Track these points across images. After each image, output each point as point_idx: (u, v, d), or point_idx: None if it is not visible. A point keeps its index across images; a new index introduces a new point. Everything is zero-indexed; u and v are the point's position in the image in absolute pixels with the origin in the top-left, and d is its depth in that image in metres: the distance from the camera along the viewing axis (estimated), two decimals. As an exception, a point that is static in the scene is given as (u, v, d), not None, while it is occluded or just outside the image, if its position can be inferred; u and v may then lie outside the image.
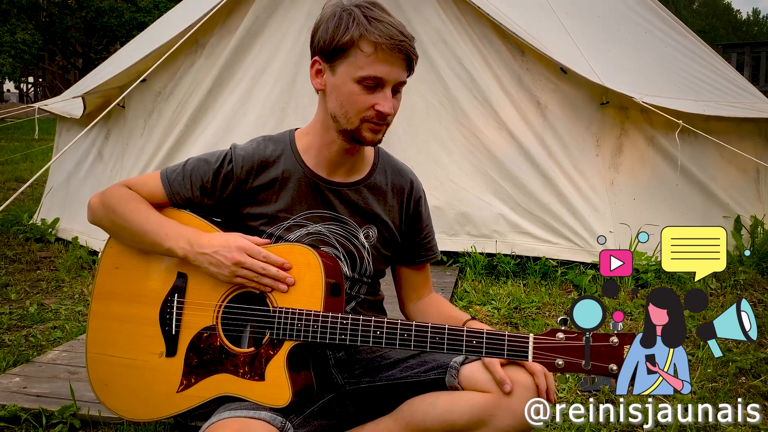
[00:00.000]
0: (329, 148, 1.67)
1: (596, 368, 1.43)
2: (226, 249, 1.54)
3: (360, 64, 1.53)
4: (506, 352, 1.47)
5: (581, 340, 1.44)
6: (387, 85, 1.55)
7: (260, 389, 1.50)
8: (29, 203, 6.47)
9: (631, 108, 4.33)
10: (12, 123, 9.31)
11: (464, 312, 1.79)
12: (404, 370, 1.69)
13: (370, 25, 1.51)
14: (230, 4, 4.43)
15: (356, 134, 1.60)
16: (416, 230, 1.82)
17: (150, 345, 1.61)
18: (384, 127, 1.61)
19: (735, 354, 2.93)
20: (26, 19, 29.21)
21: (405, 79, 1.59)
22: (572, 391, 2.56)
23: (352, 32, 1.52)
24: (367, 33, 1.51)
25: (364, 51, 1.52)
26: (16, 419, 2.27)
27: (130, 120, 4.80)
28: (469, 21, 4.40)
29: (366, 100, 1.55)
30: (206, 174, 1.65)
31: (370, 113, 1.56)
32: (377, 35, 1.51)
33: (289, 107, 4.43)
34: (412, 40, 1.56)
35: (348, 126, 1.59)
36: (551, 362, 1.46)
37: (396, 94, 1.59)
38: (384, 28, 1.51)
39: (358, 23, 1.52)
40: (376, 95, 1.55)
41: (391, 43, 1.51)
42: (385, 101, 1.55)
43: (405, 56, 1.54)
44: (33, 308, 3.58)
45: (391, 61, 1.53)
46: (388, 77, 1.54)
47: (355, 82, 1.55)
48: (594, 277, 4.05)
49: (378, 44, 1.51)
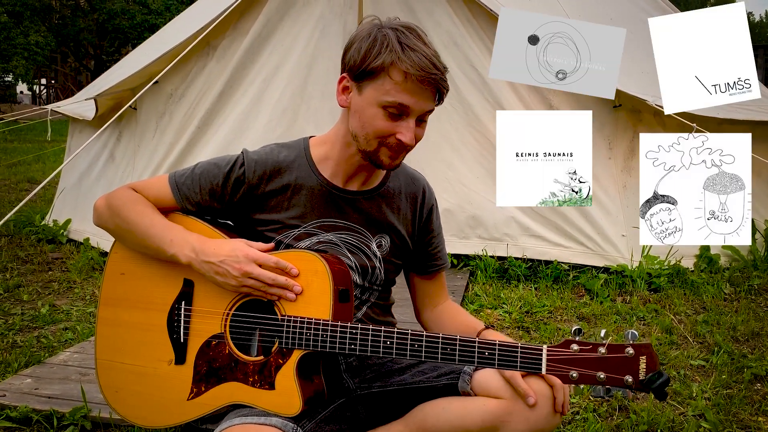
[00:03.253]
0: (348, 161, 1.65)
1: (611, 380, 1.41)
2: (234, 259, 1.51)
3: (387, 89, 1.50)
4: (519, 364, 1.45)
5: (596, 351, 1.42)
6: (412, 114, 1.53)
7: (270, 398, 1.49)
8: (41, 204, 6.51)
9: (644, 111, 4.30)
10: (25, 124, 9.38)
11: (480, 321, 1.77)
12: (416, 375, 1.68)
13: (403, 54, 1.47)
14: (242, 7, 4.44)
15: (374, 157, 1.58)
16: (428, 238, 1.80)
17: (159, 352, 1.60)
18: (403, 153, 1.59)
19: (750, 360, 2.89)
20: (39, 21, 29.45)
21: (432, 108, 1.56)
22: (584, 396, 2.54)
23: (384, 57, 1.49)
24: (398, 61, 1.48)
25: (393, 78, 1.49)
26: (28, 420, 2.28)
27: (141, 122, 4.81)
28: (481, 23, 4.38)
29: (388, 126, 1.53)
30: (216, 177, 1.64)
31: (391, 140, 1.54)
32: (409, 65, 1.47)
33: (300, 110, 4.43)
34: (444, 71, 1.52)
35: (367, 148, 1.57)
36: (565, 374, 1.44)
37: (421, 123, 1.56)
38: (417, 59, 1.47)
39: (391, 49, 1.49)
40: (399, 123, 1.53)
41: (421, 75, 1.48)
42: (408, 131, 1.52)
43: (435, 89, 1.52)
44: (45, 309, 3.59)
45: (420, 92, 1.50)
46: (414, 107, 1.52)
47: (379, 107, 1.52)
48: (606, 281, 4.02)
49: (408, 74, 1.48)
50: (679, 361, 2.93)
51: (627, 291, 3.97)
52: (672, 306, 3.70)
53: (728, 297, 3.90)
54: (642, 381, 1.40)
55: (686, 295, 3.90)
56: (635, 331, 1.44)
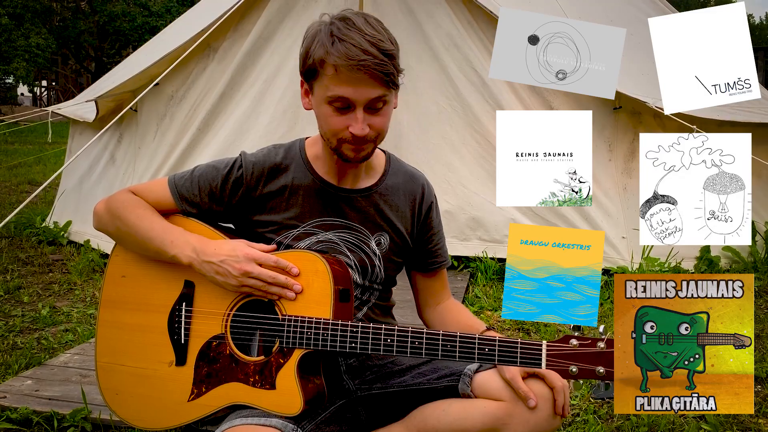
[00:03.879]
0: (332, 159, 1.66)
1: (611, 374, 1.41)
2: (234, 259, 1.51)
3: (326, 84, 1.50)
4: (519, 359, 1.45)
5: (595, 346, 1.42)
6: (357, 105, 1.50)
7: (271, 398, 1.49)
8: (42, 206, 6.51)
9: (644, 113, 4.30)
10: (26, 126, 9.40)
11: (482, 321, 1.77)
12: (416, 377, 1.67)
13: (332, 47, 1.46)
14: (243, 9, 4.45)
15: (339, 153, 1.58)
16: (428, 236, 1.80)
17: (159, 354, 1.60)
18: (369, 145, 1.57)
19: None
20: (40, 23, 29.47)
21: (380, 94, 1.50)
22: (585, 398, 2.53)
23: (316, 53, 1.49)
24: (327, 56, 1.47)
25: (327, 73, 1.49)
26: (28, 422, 2.28)
27: (142, 124, 4.82)
28: (481, 25, 4.39)
29: (339, 122, 1.53)
30: (215, 180, 1.64)
31: (345, 134, 1.53)
32: (336, 57, 1.45)
33: (300, 111, 4.42)
34: (381, 57, 1.46)
35: (331, 145, 1.58)
36: (565, 369, 1.44)
37: (376, 111, 1.53)
38: (344, 49, 1.45)
39: (321, 44, 1.48)
40: (348, 117, 1.52)
41: (348, 64, 1.44)
42: (356, 122, 1.51)
43: (372, 76, 1.47)
44: (45, 311, 3.59)
45: (355, 81, 1.47)
46: (354, 96, 1.49)
47: (326, 104, 1.52)
48: (606, 282, 4.02)
49: (337, 66, 1.46)
50: (680, 362, 2.92)
51: (627, 292, 3.96)
52: (672, 307, 3.70)
53: (729, 298, 3.88)
54: None
55: (687, 296, 3.89)
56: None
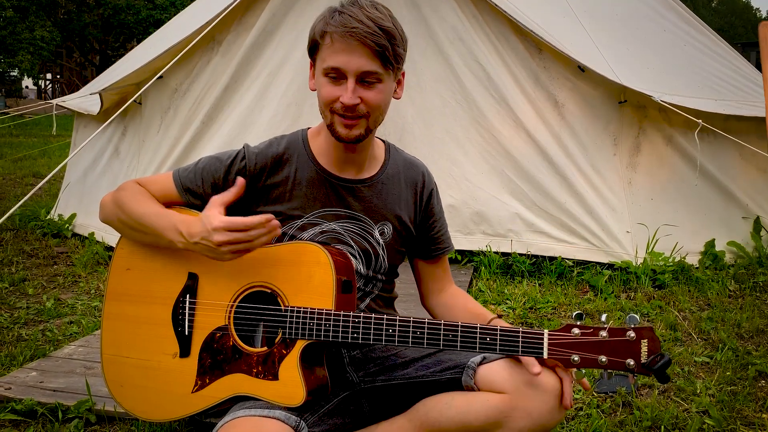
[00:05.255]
0: (333, 147, 1.67)
1: (613, 363, 1.41)
2: (207, 233, 1.48)
3: (323, 56, 1.55)
4: (521, 348, 1.46)
5: (597, 335, 1.42)
6: (349, 75, 1.53)
7: (274, 389, 1.50)
8: (47, 199, 6.52)
9: (650, 107, 4.29)
10: (30, 119, 9.41)
11: (489, 311, 1.77)
12: (420, 369, 1.68)
13: (331, 19, 1.53)
14: (247, 2, 4.44)
15: (332, 130, 1.60)
16: (430, 223, 1.81)
17: (163, 346, 1.61)
18: (361, 121, 1.57)
19: (755, 357, 2.89)
20: (45, 16, 29.51)
21: (373, 69, 1.53)
22: (588, 392, 2.53)
23: (317, 27, 1.56)
24: (326, 26, 1.53)
25: (324, 43, 1.54)
26: (33, 413, 2.28)
27: (146, 117, 4.82)
28: (486, 19, 4.37)
29: (331, 91, 1.55)
30: (218, 171, 1.65)
31: (336, 105, 1.56)
32: (333, 26, 1.52)
33: (305, 104, 4.42)
34: (373, 27, 1.49)
35: (327, 122, 1.61)
36: (567, 358, 1.44)
37: (369, 85, 1.55)
38: (341, 19, 1.51)
39: (323, 18, 1.55)
40: (341, 87, 1.55)
41: (341, 30, 1.50)
42: (346, 92, 1.53)
43: (366, 44, 1.50)
44: (50, 303, 3.60)
45: (348, 50, 1.51)
46: (346, 66, 1.52)
47: (323, 75, 1.56)
48: (610, 277, 4.02)
49: (332, 34, 1.52)
50: (684, 357, 2.92)
51: (631, 287, 3.96)
52: (676, 303, 3.69)
53: (733, 294, 3.88)
54: (644, 364, 1.40)
55: (691, 291, 3.89)
56: (636, 315, 1.44)
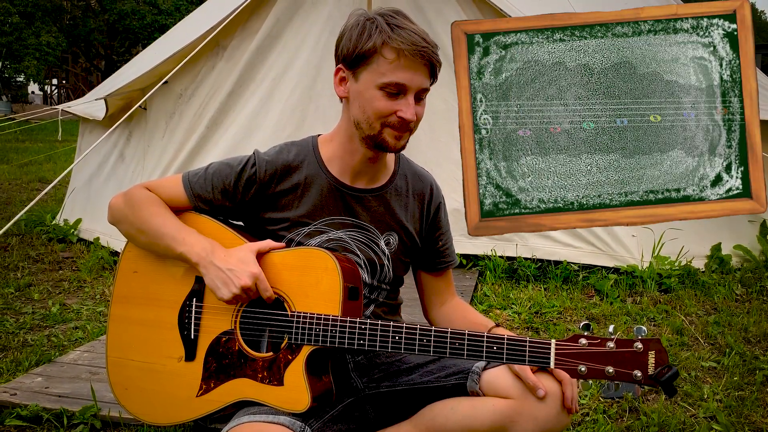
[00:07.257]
0: (353, 156, 1.66)
1: (620, 375, 1.40)
2: (241, 272, 1.51)
3: (382, 70, 1.53)
4: (528, 358, 1.45)
5: (604, 346, 1.41)
6: (409, 91, 1.55)
7: (279, 394, 1.50)
8: (52, 204, 6.54)
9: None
10: (36, 124, 9.46)
11: (489, 319, 1.77)
12: (424, 375, 1.67)
13: (393, 33, 1.52)
14: (251, 7, 4.45)
15: (379, 140, 1.59)
16: (436, 236, 1.81)
17: (169, 349, 1.61)
18: (407, 134, 1.60)
19: (762, 362, 2.87)
20: (50, 22, 29.66)
21: (428, 86, 1.59)
22: (594, 398, 2.52)
23: (375, 39, 1.53)
24: (389, 40, 1.52)
25: (386, 58, 1.52)
26: (38, 419, 2.28)
27: (151, 122, 4.83)
28: (491, 23, 4.36)
29: (388, 105, 1.55)
30: (228, 177, 1.65)
31: (392, 119, 1.56)
32: (400, 42, 1.51)
33: (309, 109, 4.43)
34: (435, 47, 1.55)
35: (370, 132, 1.58)
36: (574, 368, 1.43)
37: (419, 101, 1.59)
38: (407, 35, 1.52)
39: (381, 30, 1.53)
40: (398, 102, 1.55)
41: (413, 49, 1.51)
42: (408, 108, 1.55)
43: (427, 63, 1.54)
44: (55, 308, 3.61)
45: (414, 67, 1.53)
46: (411, 83, 1.54)
47: (377, 89, 1.55)
48: (616, 281, 4.00)
49: (400, 50, 1.51)
50: (690, 362, 2.91)
51: (637, 291, 3.94)
52: (683, 307, 3.68)
53: (740, 298, 3.87)
54: (651, 375, 1.39)
55: (697, 295, 3.87)
56: (644, 327, 1.43)
